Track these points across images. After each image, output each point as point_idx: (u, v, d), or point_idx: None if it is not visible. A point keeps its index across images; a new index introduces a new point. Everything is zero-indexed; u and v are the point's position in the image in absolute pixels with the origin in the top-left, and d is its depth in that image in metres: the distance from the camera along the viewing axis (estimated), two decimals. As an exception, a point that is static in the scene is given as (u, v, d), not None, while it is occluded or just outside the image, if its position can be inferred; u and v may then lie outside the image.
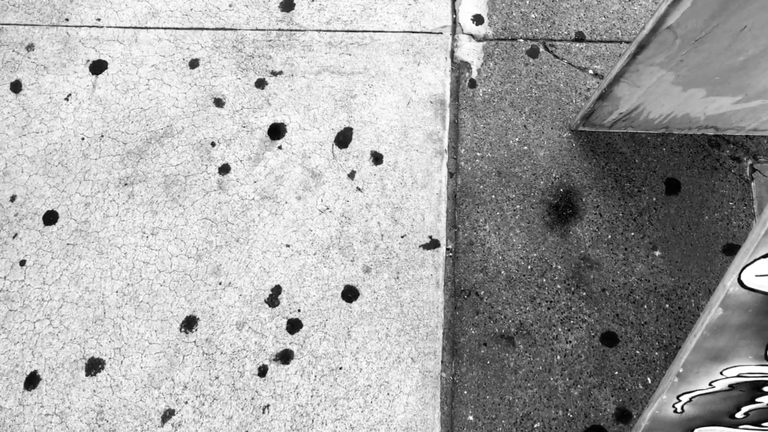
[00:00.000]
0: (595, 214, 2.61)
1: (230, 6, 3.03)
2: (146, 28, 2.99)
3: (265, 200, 2.64)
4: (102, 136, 2.77)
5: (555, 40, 2.95)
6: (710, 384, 1.62)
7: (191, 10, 3.02)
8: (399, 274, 2.52)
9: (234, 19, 3.00)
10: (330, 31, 2.96)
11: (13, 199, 2.66)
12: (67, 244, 2.58)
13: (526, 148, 2.73)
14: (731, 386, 1.61)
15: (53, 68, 2.91)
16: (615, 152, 2.71)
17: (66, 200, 2.66)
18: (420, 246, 2.56)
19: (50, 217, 2.63)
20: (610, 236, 2.57)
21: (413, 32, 2.96)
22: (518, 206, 2.63)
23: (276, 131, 2.77)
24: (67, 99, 2.85)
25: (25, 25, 3.01)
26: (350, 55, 2.91)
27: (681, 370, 1.59)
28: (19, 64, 2.92)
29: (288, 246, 2.57)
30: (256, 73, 2.88)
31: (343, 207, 2.63)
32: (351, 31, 2.96)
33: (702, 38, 2.01)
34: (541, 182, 2.67)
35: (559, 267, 2.53)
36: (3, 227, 2.61)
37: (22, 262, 2.56)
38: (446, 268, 2.54)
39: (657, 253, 2.54)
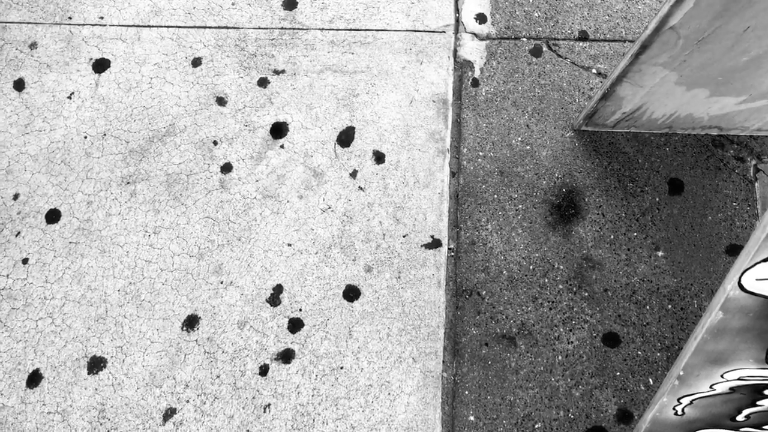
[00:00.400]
0: (598, 214, 2.60)
1: (233, 4, 3.03)
2: (149, 26, 2.99)
3: (267, 199, 2.64)
4: (105, 134, 2.77)
5: (558, 39, 2.94)
6: (711, 387, 1.61)
7: (194, 8, 3.02)
8: (401, 274, 2.52)
9: (237, 17, 3.00)
10: (333, 29, 2.96)
11: (16, 197, 2.67)
12: (70, 242, 2.59)
13: (528, 147, 2.73)
14: (732, 389, 1.61)
15: (56, 66, 2.91)
16: (618, 152, 2.70)
17: (68, 198, 2.66)
18: (422, 245, 2.56)
19: (53, 216, 2.64)
20: (612, 236, 2.56)
21: (416, 31, 2.95)
22: (520, 206, 2.63)
23: (278, 130, 2.77)
24: (69, 97, 2.85)
25: (28, 23, 3.01)
26: (353, 53, 2.90)
27: (681, 373, 1.59)
28: (23, 62, 2.92)
29: (290, 245, 2.57)
30: (258, 71, 2.88)
31: (345, 206, 2.63)
32: (354, 29, 2.95)
33: (705, 39, 2.00)
34: (544, 182, 2.66)
35: (561, 267, 2.53)
36: (6, 225, 2.62)
37: (25, 261, 2.57)
38: (448, 267, 2.54)
39: (660, 253, 2.53)
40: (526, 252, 2.55)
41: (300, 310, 2.47)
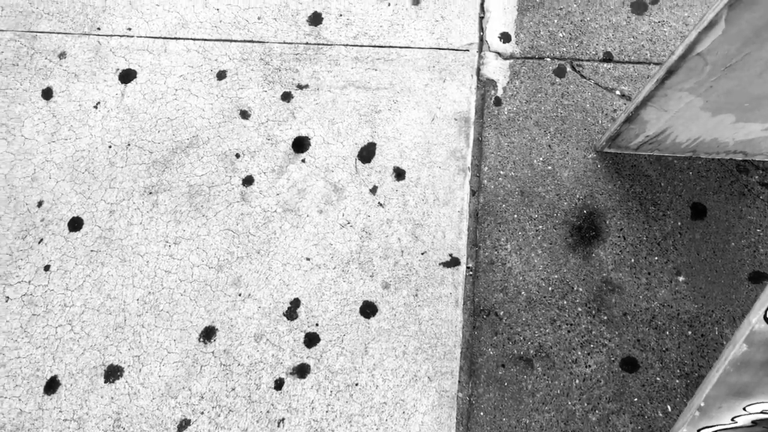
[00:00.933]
0: (619, 237, 2.58)
1: (259, 18, 3.06)
2: (176, 38, 3.03)
3: (287, 213, 2.65)
4: (129, 144, 2.81)
5: (582, 60, 2.93)
6: (732, 419, 1.59)
7: (220, 21, 3.05)
8: (418, 292, 2.51)
9: (262, 32, 3.03)
10: (357, 46, 2.97)
11: (40, 204, 2.70)
12: (91, 250, 2.62)
13: (550, 168, 2.72)
14: (754, 422, 1.58)
15: (84, 76, 2.95)
16: (640, 175, 2.68)
17: (91, 207, 2.69)
18: (440, 263, 2.55)
19: (75, 224, 2.67)
20: (633, 260, 2.54)
21: (440, 49, 2.96)
22: (540, 226, 2.61)
23: (300, 144, 2.78)
24: (96, 107, 2.89)
25: (58, 33, 3.06)
26: (376, 70, 2.91)
27: (702, 404, 1.56)
28: (51, 71, 2.97)
29: (308, 259, 2.57)
30: (282, 86, 2.90)
31: (364, 222, 2.63)
32: (378, 46, 2.97)
33: (733, 65, 1.98)
34: (565, 203, 2.65)
35: (581, 289, 2.51)
36: (29, 232, 2.66)
37: (47, 267, 2.60)
38: (466, 286, 2.53)
39: (681, 278, 2.50)
40: (545, 273, 2.54)
41: (316, 324, 2.47)
